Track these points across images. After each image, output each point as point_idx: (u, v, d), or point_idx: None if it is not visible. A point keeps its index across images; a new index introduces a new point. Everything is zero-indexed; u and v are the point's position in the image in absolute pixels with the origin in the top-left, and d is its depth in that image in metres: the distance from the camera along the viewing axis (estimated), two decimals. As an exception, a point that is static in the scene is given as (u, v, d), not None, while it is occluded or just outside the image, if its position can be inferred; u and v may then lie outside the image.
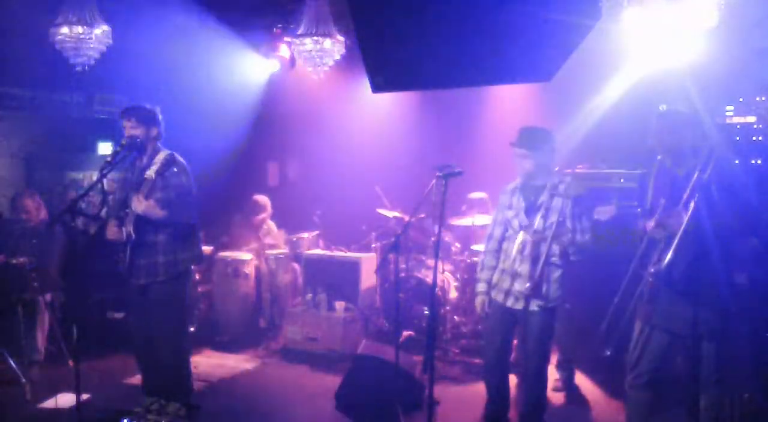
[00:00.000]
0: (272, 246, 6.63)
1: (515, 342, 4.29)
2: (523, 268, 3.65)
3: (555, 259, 3.65)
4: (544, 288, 3.62)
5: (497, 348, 3.84)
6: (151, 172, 3.93)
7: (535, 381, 3.79)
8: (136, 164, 4.18)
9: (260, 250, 6.54)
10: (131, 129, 4.09)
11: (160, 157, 4.02)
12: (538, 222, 3.63)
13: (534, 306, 3.65)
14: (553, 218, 3.59)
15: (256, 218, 6.65)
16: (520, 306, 3.68)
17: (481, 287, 3.91)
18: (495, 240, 3.89)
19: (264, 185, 7.75)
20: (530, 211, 3.71)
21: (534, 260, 3.60)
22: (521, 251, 3.66)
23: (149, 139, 4.13)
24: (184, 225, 4.13)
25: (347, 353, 5.35)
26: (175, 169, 4.05)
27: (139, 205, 3.90)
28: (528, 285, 3.59)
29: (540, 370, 3.77)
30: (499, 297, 3.78)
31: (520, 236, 3.69)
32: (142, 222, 4.00)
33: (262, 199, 6.71)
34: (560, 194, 3.63)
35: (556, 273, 3.68)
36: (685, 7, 4.94)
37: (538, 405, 3.82)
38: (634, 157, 5.40)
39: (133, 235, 3.99)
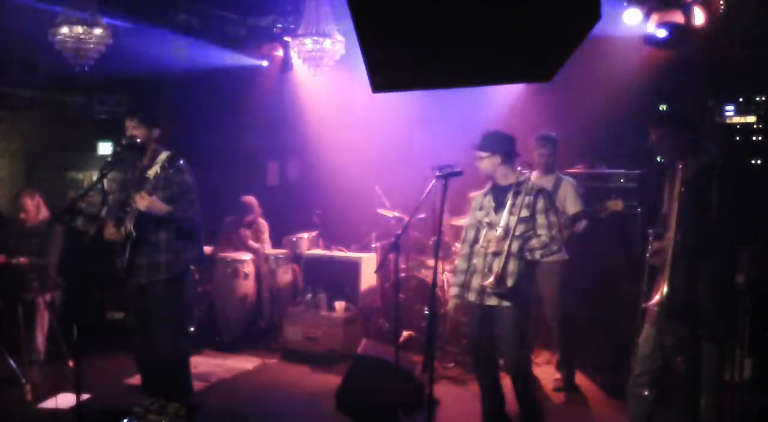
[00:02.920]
0: (264, 244, 6.64)
1: None
2: (490, 264, 3.70)
3: (521, 254, 3.68)
4: (510, 283, 3.64)
5: (482, 347, 3.86)
6: (152, 171, 3.93)
7: (519, 380, 3.77)
8: (136, 164, 4.18)
9: (258, 250, 6.54)
10: (133, 129, 4.10)
11: (162, 157, 4.02)
12: (505, 218, 3.69)
13: (502, 301, 3.68)
14: (519, 214, 3.67)
15: (246, 219, 6.66)
16: (490, 302, 3.71)
17: (454, 291, 3.95)
18: (468, 244, 3.94)
19: (264, 185, 7.74)
20: (498, 208, 3.78)
21: (499, 255, 3.65)
22: (488, 248, 3.70)
23: (150, 139, 4.13)
24: (187, 223, 4.13)
25: (347, 353, 5.35)
26: (177, 168, 4.05)
27: (143, 201, 3.85)
28: (491, 279, 3.62)
29: (518, 368, 3.74)
30: (472, 297, 3.82)
31: (488, 234, 3.74)
32: (144, 220, 3.99)
33: (249, 199, 6.70)
34: (524, 191, 3.71)
35: (523, 269, 3.70)
36: (685, 5, 4.95)
37: (530, 404, 3.80)
38: (634, 157, 5.40)
39: (134, 234, 3.98)
